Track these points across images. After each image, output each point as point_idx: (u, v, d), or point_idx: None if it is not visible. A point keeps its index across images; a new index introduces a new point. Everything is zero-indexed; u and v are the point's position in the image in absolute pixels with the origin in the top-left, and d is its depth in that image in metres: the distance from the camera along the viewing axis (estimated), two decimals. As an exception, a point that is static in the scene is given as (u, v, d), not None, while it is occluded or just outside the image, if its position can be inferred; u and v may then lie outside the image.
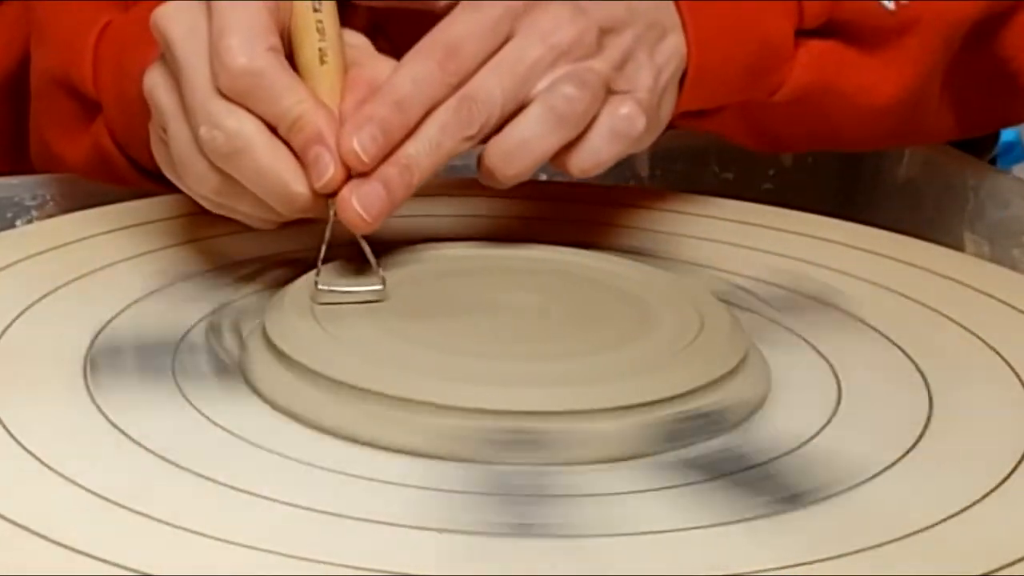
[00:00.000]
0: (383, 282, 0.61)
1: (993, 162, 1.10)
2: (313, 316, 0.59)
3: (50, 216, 0.79)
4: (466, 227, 0.72)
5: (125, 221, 0.72)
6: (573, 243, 0.68)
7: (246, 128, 0.60)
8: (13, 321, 0.62)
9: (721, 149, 0.92)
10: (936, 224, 0.88)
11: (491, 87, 0.62)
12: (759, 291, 0.69)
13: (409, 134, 0.61)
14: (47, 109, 0.81)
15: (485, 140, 0.63)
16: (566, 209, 0.66)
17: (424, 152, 0.61)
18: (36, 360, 0.59)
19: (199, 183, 0.62)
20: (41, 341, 0.61)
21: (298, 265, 0.65)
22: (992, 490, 0.53)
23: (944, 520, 0.51)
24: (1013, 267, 0.78)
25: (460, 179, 0.74)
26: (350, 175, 0.61)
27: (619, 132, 0.64)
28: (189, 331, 0.62)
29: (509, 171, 0.63)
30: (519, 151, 0.63)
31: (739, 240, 0.74)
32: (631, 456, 0.54)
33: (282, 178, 0.60)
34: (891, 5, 0.73)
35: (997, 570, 0.48)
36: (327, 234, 0.61)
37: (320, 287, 0.60)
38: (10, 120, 0.87)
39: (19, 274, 0.66)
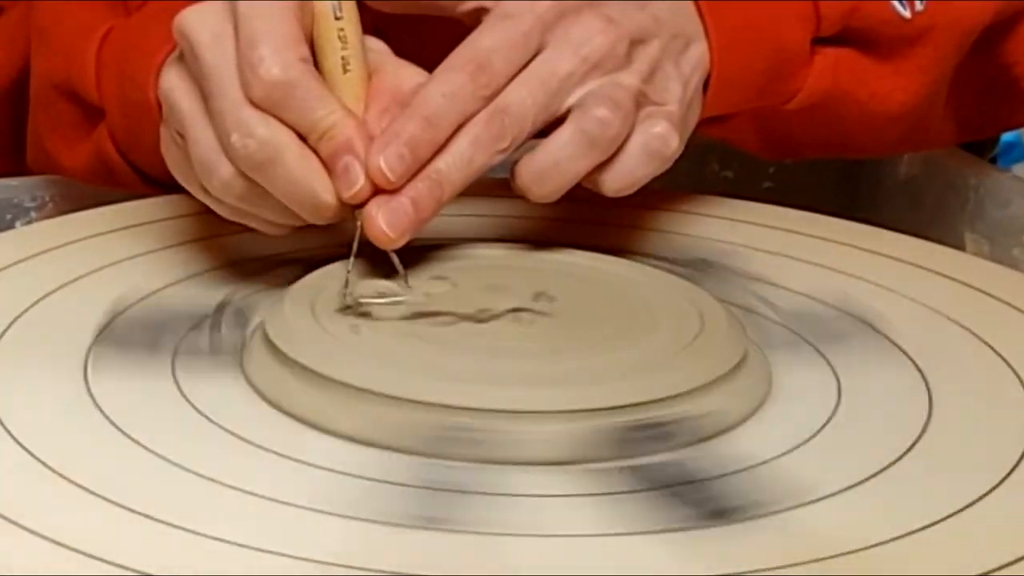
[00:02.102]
0: (410, 292, 0.61)
1: (993, 162, 1.10)
2: (313, 316, 0.59)
3: (49, 218, 0.79)
4: (467, 227, 0.72)
5: (125, 221, 0.72)
6: (573, 242, 0.68)
7: (279, 137, 0.60)
8: (13, 321, 0.62)
9: (722, 147, 0.92)
10: (936, 223, 0.88)
11: (523, 99, 0.62)
12: (758, 290, 0.69)
13: (439, 149, 0.61)
14: (47, 115, 0.81)
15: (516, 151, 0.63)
16: (566, 209, 0.66)
17: (455, 167, 0.61)
18: (36, 360, 0.59)
19: (224, 189, 0.62)
20: (41, 341, 0.61)
21: (300, 265, 0.65)
22: (992, 490, 0.53)
23: (944, 519, 0.51)
24: (1013, 267, 0.78)
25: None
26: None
27: (653, 151, 0.64)
28: (189, 331, 0.62)
29: (540, 191, 0.63)
30: (551, 173, 0.63)
31: (739, 239, 0.74)
32: (574, 461, 0.54)
33: (312, 188, 0.60)
34: (907, 13, 0.73)
35: (997, 570, 0.48)
36: (355, 246, 0.61)
37: (348, 300, 0.60)
38: (10, 125, 0.87)
39: (19, 274, 0.66)
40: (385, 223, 0.60)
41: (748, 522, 0.51)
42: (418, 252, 0.64)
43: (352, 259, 0.61)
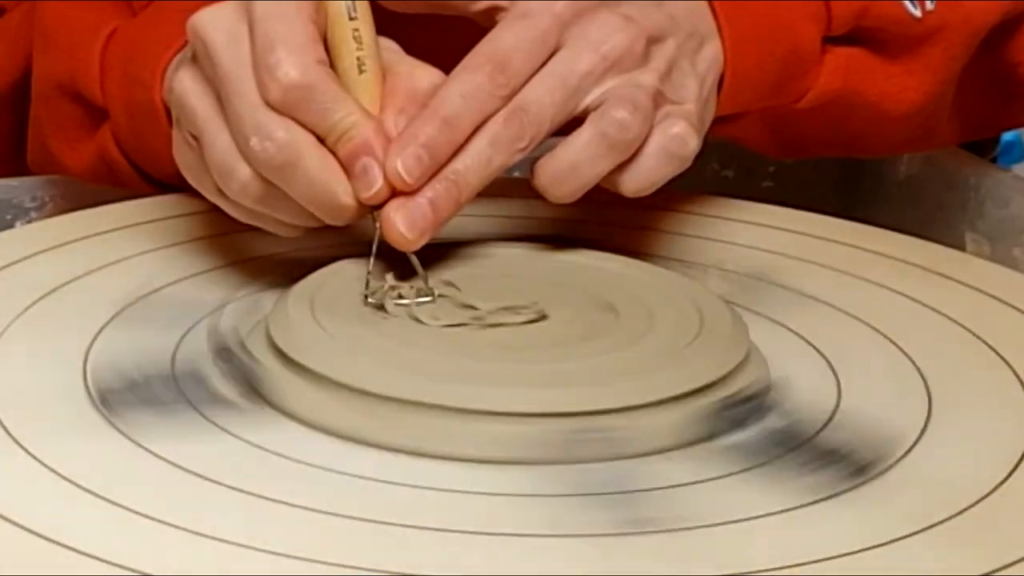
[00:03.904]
0: (432, 294, 0.61)
1: (994, 162, 1.10)
2: (315, 317, 0.59)
3: (49, 218, 0.79)
4: (465, 227, 0.72)
5: (125, 221, 0.72)
6: (573, 241, 0.68)
7: (298, 140, 0.60)
8: (13, 321, 0.62)
9: (722, 147, 0.92)
10: (936, 223, 0.88)
11: (542, 98, 0.62)
12: (758, 290, 0.69)
13: (458, 149, 0.61)
14: (50, 115, 0.80)
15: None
16: (566, 209, 0.66)
17: (474, 168, 0.61)
18: (36, 360, 0.59)
19: (241, 192, 0.62)
20: (41, 341, 0.61)
21: (300, 265, 0.65)
22: (992, 490, 0.53)
23: (944, 520, 0.51)
24: (1013, 267, 0.78)
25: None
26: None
27: (672, 152, 0.64)
28: (189, 331, 0.62)
29: (559, 193, 0.63)
30: (570, 175, 0.63)
31: (739, 239, 0.74)
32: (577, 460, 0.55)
33: (332, 190, 0.60)
34: (918, 13, 0.73)
35: (997, 570, 0.48)
36: (374, 247, 0.61)
37: (370, 301, 0.60)
38: (12, 126, 0.86)
39: (19, 274, 0.66)
40: (403, 225, 0.60)
41: (747, 522, 0.51)
42: (432, 251, 0.64)
43: (372, 260, 0.61)
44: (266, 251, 0.69)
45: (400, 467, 0.53)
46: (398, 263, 0.62)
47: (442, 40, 0.65)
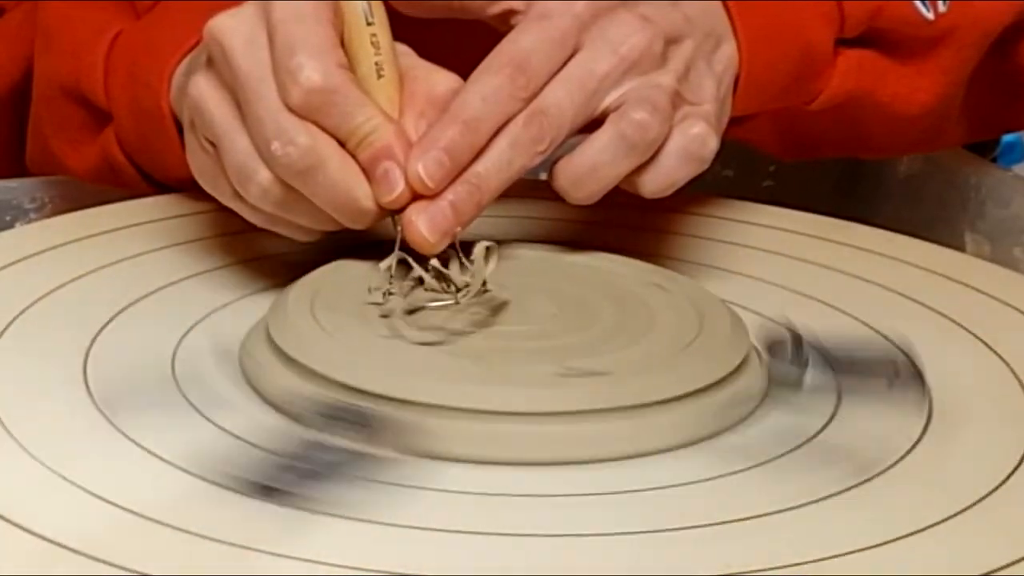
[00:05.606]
0: (454, 295, 0.60)
1: (994, 162, 1.11)
2: (314, 316, 0.59)
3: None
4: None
5: (125, 221, 0.72)
6: (573, 243, 0.68)
7: (320, 144, 0.60)
8: (13, 321, 0.62)
9: (722, 146, 0.92)
10: (936, 222, 0.88)
11: (561, 100, 0.62)
12: (757, 290, 0.69)
13: (478, 152, 0.61)
14: (53, 117, 0.80)
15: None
16: (564, 209, 0.66)
17: (494, 170, 0.61)
18: (36, 360, 0.59)
19: (261, 196, 0.61)
20: (41, 341, 0.61)
21: (300, 266, 0.65)
22: (992, 491, 0.53)
23: (944, 520, 0.51)
24: (1014, 267, 0.78)
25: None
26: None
27: (692, 153, 0.64)
28: (189, 331, 0.62)
29: (578, 194, 0.63)
30: (589, 176, 0.63)
31: (739, 240, 0.74)
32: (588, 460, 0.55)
33: (353, 194, 0.61)
34: (930, 15, 0.73)
35: (997, 570, 0.48)
36: (395, 248, 0.61)
37: (390, 303, 0.60)
38: (12, 126, 0.86)
39: (19, 274, 0.66)
40: (425, 227, 0.60)
41: (753, 520, 0.51)
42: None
43: (393, 263, 0.61)
44: (268, 252, 0.69)
45: (401, 466, 0.54)
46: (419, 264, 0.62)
47: (456, 44, 0.65)
